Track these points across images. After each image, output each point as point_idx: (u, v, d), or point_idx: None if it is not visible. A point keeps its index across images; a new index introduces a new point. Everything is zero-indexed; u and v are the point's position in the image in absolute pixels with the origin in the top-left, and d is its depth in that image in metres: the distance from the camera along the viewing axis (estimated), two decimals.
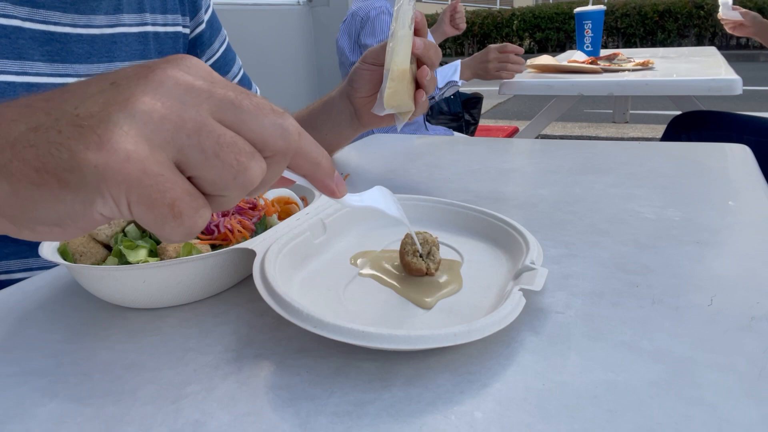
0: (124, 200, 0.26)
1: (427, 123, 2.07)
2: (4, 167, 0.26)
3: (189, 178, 0.27)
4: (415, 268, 0.45)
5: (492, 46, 1.79)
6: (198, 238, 0.47)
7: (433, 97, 1.78)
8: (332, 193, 0.34)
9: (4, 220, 0.27)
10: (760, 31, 1.95)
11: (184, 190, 0.27)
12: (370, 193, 0.40)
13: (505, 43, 1.80)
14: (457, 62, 1.79)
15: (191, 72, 0.28)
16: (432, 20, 2.39)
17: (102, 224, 0.28)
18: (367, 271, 0.48)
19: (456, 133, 2.21)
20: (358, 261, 0.49)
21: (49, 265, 0.56)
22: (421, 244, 0.45)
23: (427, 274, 0.45)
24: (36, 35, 0.60)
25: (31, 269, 0.67)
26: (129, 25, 0.70)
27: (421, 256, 0.45)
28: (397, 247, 0.52)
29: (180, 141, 0.26)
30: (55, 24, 0.62)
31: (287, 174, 0.33)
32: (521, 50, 1.82)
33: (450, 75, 1.76)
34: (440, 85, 1.76)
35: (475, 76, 1.81)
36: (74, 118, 0.26)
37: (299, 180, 0.33)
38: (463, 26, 2.27)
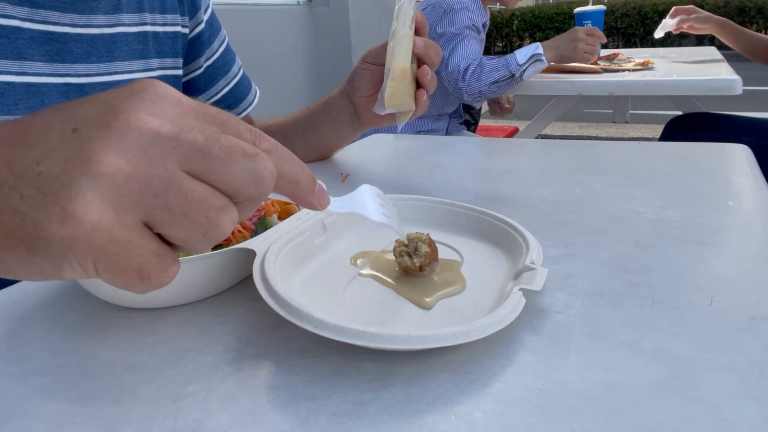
0: (92, 267, 0.25)
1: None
2: None
3: (158, 234, 0.26)
4: (404, 266, 0.45)
5: (578, 28, 1.74)
6: None
7: (513, 75, 1.68)
8: (314, 208, 0.33)
9: None
10: (719, 29, 1.94)
11: (152, 253, 0.26)
12: (354, 196, 0.39)
13: (593, 27, 1.75)
14: (536, 43, 1.72)
15: (157, 111, 0.26)
16: None
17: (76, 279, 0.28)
18: (367, 271, 0.48)
19: (466, 131, 2.21)
20: (358, 261, 0.49)
21: None
22: (408, 241, 0.45)
23: (421, 270, 0.45)
24: (35, 35, 0.60)
25: None
26: (128, 25, 0.70)
27: (408, 254, 0.45)
28: None
29: (147, 202, 0.25)
30: (54, 24, 0.62)
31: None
32: (605, 40, 1.79)
33: (532, 50, 1.68)
34: (521, 62, 1.67)
35: (559, 57, 1.72)
36: (36, 178, 0.25)
37: (279, 197, 0.32)
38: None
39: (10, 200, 0.25)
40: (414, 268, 0.45)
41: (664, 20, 2.07)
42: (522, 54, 1.69)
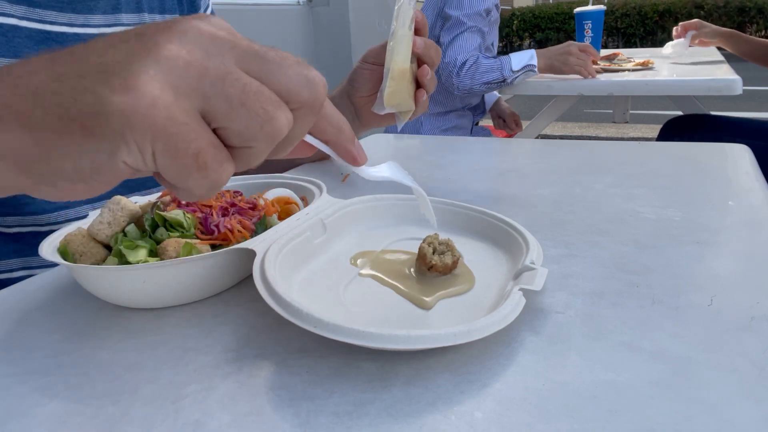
0: (149, 149, 0.25)
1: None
2: (25, 116, 0.25)
3: (214, 131, 0.27)
4: (433, 263, 0.45)
5: (573, 42, 1.81)
6: (198, 238, 0.47)
7: (505, 80, 1.76)
8: (354, 160, 0.33)
9: (23, 176, 0.26)
10: (727, 41, 1.95)
11: (209, 142, 0.26)
12: (384, 167, 0.39)
13: (587, 44, 1.83)
14: (532, 51, 1.78)
15: (215, 25, 0.28)
16: None
17: (127, 176, 0.27)
18: (367, 271, 0.48)
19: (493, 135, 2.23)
20: (359, 261, 0.49)
21: (49, 265, 0.56)
22: (441, 242, 0.46)
23: (444, 271, 0.45)
24: (32, 34, 0.60)
25: (31, 268, 0.67)
26: (128, 25, 0.70)
27: (439, 252, 0.45)
28: (397, 246, 0.52)
29: (205, 89, 0.26)
30: (51, 23, 0.62)
31: (309, 139, 0.32)
32: (598, 57, 1.88)
33: (527, 60, 1.75)
34: (515, 69, 1.74)
35: (550, 68, 1.79)
36: (99, 65, 0.25)
37: (321, 146, 0.32)
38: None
39: (72, 82, 0.25)
40: (444, 266, 0.44)
41: (673, 41, 2.07)
42: (517, 60, 1.76)
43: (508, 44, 12.63)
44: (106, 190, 0.28)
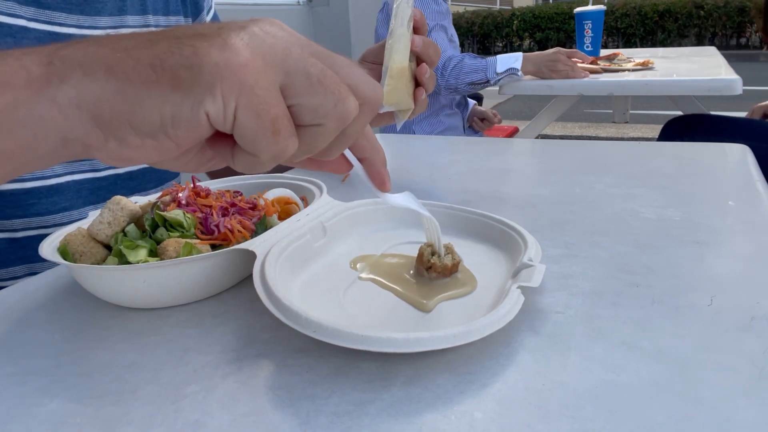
0: (233, 103, 0.27)
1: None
2: (116, 65, 0.26)
3: (288, 107, 0.29)
4: (435, 265, 0.45)
5: (560, 49, 1.86)
6: (198, 238, 0.47)
7: (488, 81, 1.80)
8: (382, 183, 0.36)
9: (96, 128, 0.27)
10: None
11: (285, 113, 0.28)
12: (402, 195, 0.41)
13: (575, 50, 1.90)
14: (519, 54, 1.82)
15: (284, 28, 0.30)
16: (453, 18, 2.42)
17: (203, 130, 0.28)
18: (367, 275, 0.47)
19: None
20: (358, 265, 0.49)
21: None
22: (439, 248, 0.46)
23: (446, 273, 0.45)
24: (41, 35, 0.60)
25: (35, 273, 0.67)
26: (133, 27, 0.70)
27: (438, 254, 0.45)
28: (396, 250, 0.52)
29: (288, 65, 0.28)
30: (60, 25, 0.62)
31: (347, 154, 0.35)
32: (588, 61, 1.94)
33: (511, 63, 1.79)
34: (499, 71, 1.79)
35: (537, 72, 1.83)
36: (194, 31, 0.27)
37: (355, 163, 0.35)
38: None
39: (165, 41, 0.27)
40: (443, 267, 0.45)
41: None
42: (503, 63, 1.80)
43: (508, 44, 12.64)
44: (172, 155, 0.29)
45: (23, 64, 0.26)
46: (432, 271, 0.45)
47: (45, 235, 0.47)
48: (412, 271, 0.47)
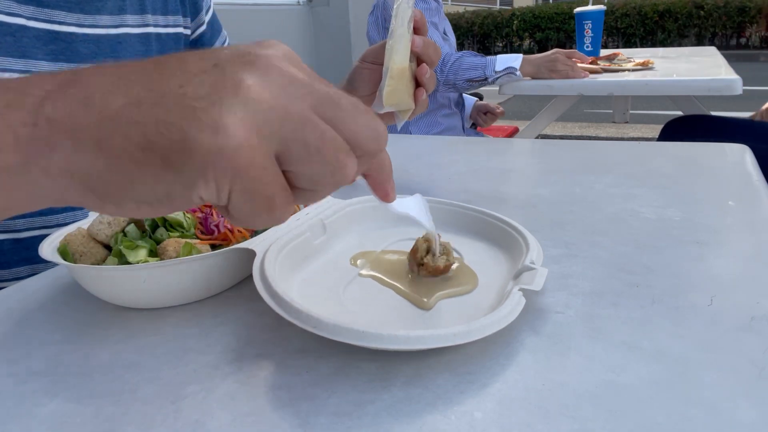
0: (227, 188, 0.25)
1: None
2: (104, 140, 0.25)
3: (283, 172, 0.27)
4: (430, 266, 0.45)
5: (559, 50, 1.88)
6: (198, 238, 0.47)
7: (486, 78, 1.81)
8: (385, 196, 0.34)
9: (90, 195, 0.26)
10: None
11: (282, 186, 0.27)
12: (409, 201, 0.40)
13: (573, 50, 1.91)
14: (520, 55, 1.83)
15: (291, 61, 0.28)
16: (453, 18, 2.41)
17: (198, 205, 0.27)
18: (367, 271, 0.48)
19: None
20: (358, 261, 0.49)
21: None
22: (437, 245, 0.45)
23: (444, 271, 0.45)
24: (40, 34, 0.60)
25: (38, 273, 0.68)
26: (132, 26, 0.70)
27: (433, 253, 0.45)
28: (396, 247, 0.52)
29: (285, 134, 0.26)
30: (60, 23, 0.62)
31: None
32: (587, 61, 1.95)
33: (510, 62, 1.80)
34: (498, 69, 1.80)
35: (537, 74, 1.84)
36: (181, 97, 0.25)
37: (357, 179, 0.33)
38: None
39: (155, 113, 0.25)
40: (434, 268, 0.44)
41: None
42: (502, 62, 1.81)
43: (508, 44, 12.64)
44: (170, 213, 0.28)
45: (8, 123, 0.25)
46: (423, 270, 0.45)
47: (48, 236, 0.47)
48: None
